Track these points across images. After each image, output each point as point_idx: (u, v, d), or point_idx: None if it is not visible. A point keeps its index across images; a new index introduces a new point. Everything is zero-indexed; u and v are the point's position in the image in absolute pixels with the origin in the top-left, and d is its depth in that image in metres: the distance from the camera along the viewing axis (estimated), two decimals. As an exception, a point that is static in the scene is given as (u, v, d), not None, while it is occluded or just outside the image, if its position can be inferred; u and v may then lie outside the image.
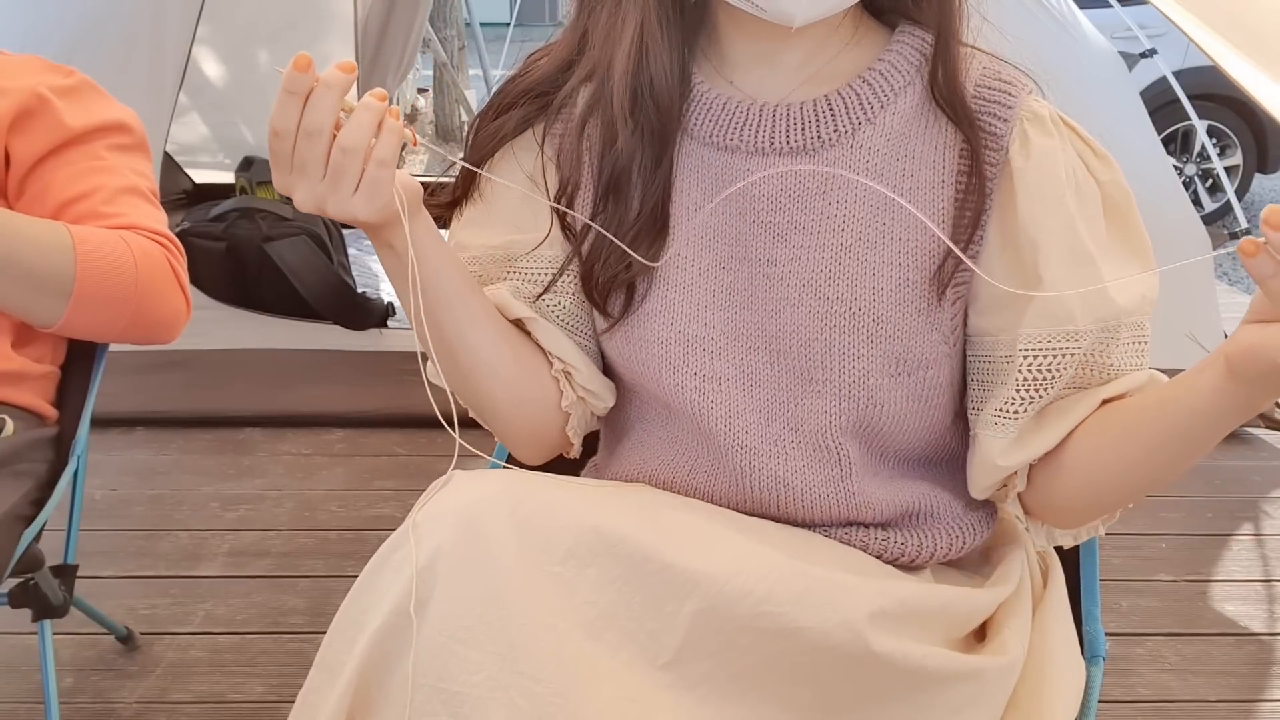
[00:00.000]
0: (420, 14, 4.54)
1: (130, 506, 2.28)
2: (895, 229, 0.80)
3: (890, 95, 0.81)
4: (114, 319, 1.21)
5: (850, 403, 0.81)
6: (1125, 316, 0.79)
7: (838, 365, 0.80)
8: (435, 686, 0.66)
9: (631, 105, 0.81)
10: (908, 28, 0.83)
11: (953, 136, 0.80)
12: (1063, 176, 0.79)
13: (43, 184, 1.23)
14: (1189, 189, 5.27)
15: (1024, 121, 0.79)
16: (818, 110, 0.81)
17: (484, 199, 0.88)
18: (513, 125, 0.86)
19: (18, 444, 1.22)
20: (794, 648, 0.72)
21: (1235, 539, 2.27)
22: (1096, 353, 0.79)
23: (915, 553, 0.85)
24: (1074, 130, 0.82)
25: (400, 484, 2.39)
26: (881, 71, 0.81)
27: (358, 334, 2.83)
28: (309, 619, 1.89)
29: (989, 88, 0.80)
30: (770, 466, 0.83)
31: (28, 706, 1.65)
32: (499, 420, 0.89)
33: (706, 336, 0.82)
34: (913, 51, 0.82)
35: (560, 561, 0.70)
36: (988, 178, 0.79)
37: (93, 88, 1.30)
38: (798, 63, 0.83)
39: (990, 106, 0.79)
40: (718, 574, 0.71)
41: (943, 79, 0.80)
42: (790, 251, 0.81)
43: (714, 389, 0.82)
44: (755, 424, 0.82)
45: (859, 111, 0.81)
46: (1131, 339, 0.80)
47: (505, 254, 0.87)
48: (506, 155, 0.87)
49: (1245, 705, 1.73)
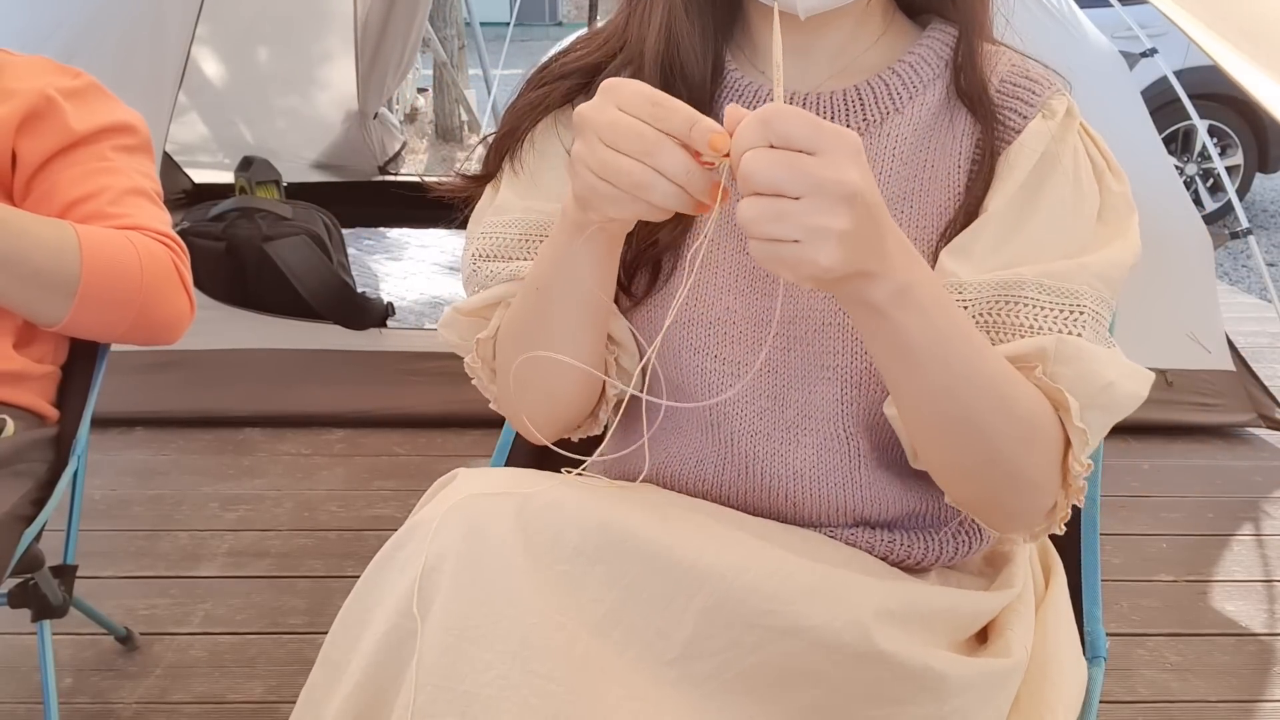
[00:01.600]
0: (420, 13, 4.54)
1: (130, 507, 2.28)
2: (915, 217, 0.81)
3: (919, 87, 0.83)
4: (118, 319, 1.22)
5: (862, 390, 0.81)
6: (1029, 289, 0.75)
7: (850, 352, 0.80)
8: (443, 686, 0.65)
9: (663, 88, 0.81)
10: (938, 24, 0.85)
11: (970, 128, 0.82)
12: (1064, 166, 0.79)
13: (49, 184, 1.23)
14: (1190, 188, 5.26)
15: (1041, 116, 0.80)
16: (848, 100, 0.83)
17: (526, 169, 0.88)
18: (556, 97, 0.87)
19: (18, 444, 1.22)
20: (801, 645, 0.72)
21: (1236, 539, 2.27)
22: (993, 312, 0.76)
23: (921, 555, 0.85)
24: (1094, 139, 0.83)
25: (400, 484, 2.39)
26: (911, 64, 0.83)
27: (357, 334, 2.82)
28: (309, 619, 1.89)
29: (1014, 84, 0.82)
30: (781, 453, 0.82)
31: (27, 707, 1.65)
32: (537, 397, 0.85)
33: (728, 320, 0.83)
34: (942, 46, 0.84)
35: (567, 559, 0.70)
36: (994, 164, 0.80)
37: (99, 89, 1.31)
38: (828, 55, 0.84)
39: (1013, 102, 0.81)
40: (725, 571, 0.71)
41: (966, 73, 0.82)
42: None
43: (732, 373, 0.82)
44: (769, 409, 0.83)
45: (888, 102, 0.82)
46: (1052, 304, 0.75)
47: (547, 220, 0.85)
48: (548, 127, 0.88)
49: (1246, 706, 1.73)
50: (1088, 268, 0.76)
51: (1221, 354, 2.71)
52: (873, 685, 0.74)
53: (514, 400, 0.86)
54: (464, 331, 0.88)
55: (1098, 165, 0.82)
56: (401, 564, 0.70)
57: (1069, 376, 0.73)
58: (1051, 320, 0.75)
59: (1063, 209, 0.79)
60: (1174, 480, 2.47)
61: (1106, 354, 0.75)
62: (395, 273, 4.07)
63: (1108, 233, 0.80)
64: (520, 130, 0.87)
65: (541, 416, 0.87)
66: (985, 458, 0.73)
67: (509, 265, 0.85)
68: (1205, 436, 2.69)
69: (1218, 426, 2.71)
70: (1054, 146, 0.80)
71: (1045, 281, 0.76)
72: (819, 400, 0.82)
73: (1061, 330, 0.75)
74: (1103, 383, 0.74)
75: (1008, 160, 0.80)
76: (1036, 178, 0.79)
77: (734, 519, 0.81)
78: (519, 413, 0.87)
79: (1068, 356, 0.73)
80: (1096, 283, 0.76)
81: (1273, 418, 2.70)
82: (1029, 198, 0.79)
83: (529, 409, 0.86)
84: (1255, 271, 4.51)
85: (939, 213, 0.81)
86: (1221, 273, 4.48)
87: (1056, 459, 0.76)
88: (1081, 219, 0.79)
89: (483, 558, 0.67)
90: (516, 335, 0.83)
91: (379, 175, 4.68)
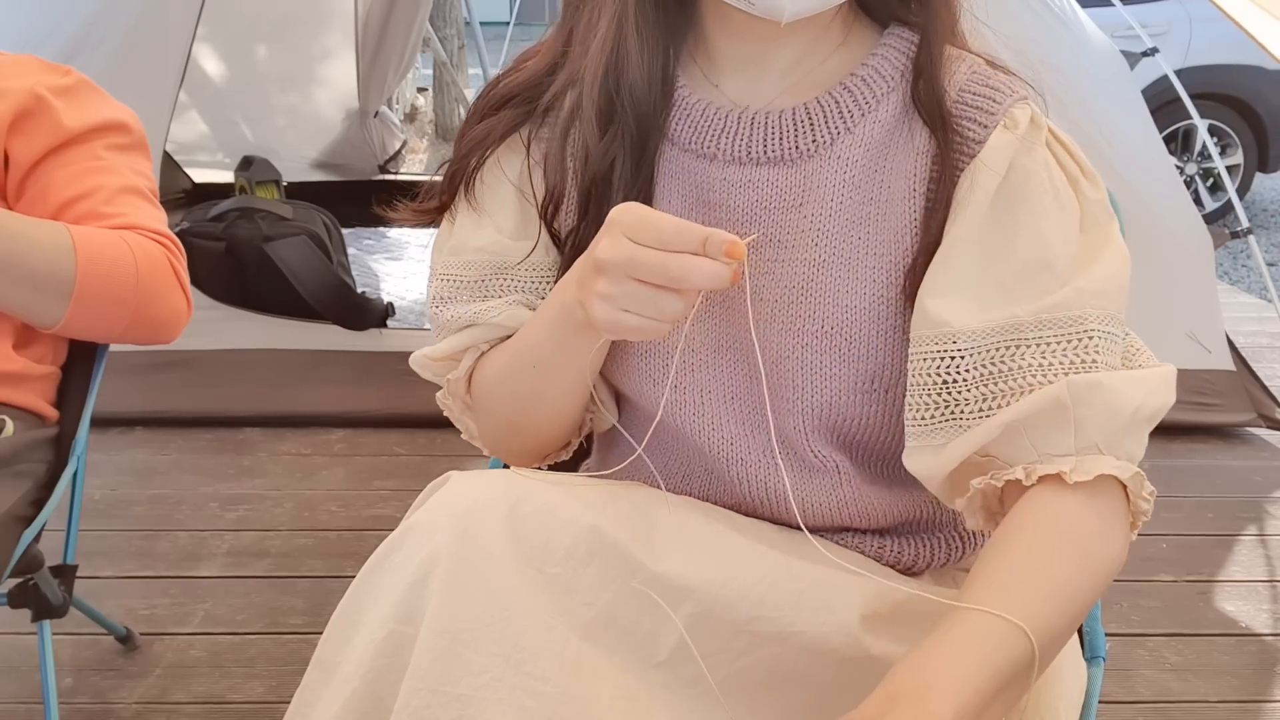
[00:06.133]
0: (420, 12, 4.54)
1: (129, 507, 2.27)
2: (870, 244, 0.78)
3: (872, 102, 0.79)
4: (115, 319, 1.21)
5: (824, 420, 0.80)
6: (1029, 331, 0.71)
7: (810, 384, 0.78)
8: (437, 690, 0.65)
9: (606, 109, 0.80)
10: (896, 29, 0.81)
11: (927, 143, 0.78)
12: (1037, 179, 0.75)
13: (42, 184, 1.22)
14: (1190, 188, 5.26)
15: (1002, 127, 0.76)
16: (797, 119, 0.79)
17: (477, 204, 0.87)
18: (500, 130, 0.85)
19: (17, 444, 1.22)
20: (790, 650, 0.72)
21: (1236, 539, 2.26)
22: (997, 361, 0.72)
23: (913, 559, 0.85)
24: (1065, 145, 0.78)
25: (400, 484, 2.39)
26: (864, 78, 0.79)
27: (357, 334, 2.82)
28: (308, 619, 1.88)
29: (973, 93, 0.77)
30: (761, 477, 0.82)
31: (27, 707, 1.65)
32: (524, 440, 0.88)
33: (687, 349, 0.81)
34: (898, 55, 0.80)
35: (559, 562, 0.70)
36: (954, 183, 0.76)
37: (91, 87, 1.30)
38: (786, 65, 0.81)
39: (971, 112, 0.77)
40: (713, 579, 0.71)
41: (924, 83, 0.78)
42: (764, 266, 0.79)
43: (695, 402, 0.82)
44: (741, 436, 0.81)
45: (838, 121, 0.79)
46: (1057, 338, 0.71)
47: (502, 260, 0.85)
48: (493, 162, 0.86)
49: (1246, 706, 1.73)
50: (1082, 291, 0.72)
51: (1221, 354, 2.71)
52: (863, 688, 0.73)
53: (494, 442, 0.90)
54: (436, 370, 0.89)
55: (1071, 173, 0.77)
56: (394, 567, 0.70)
57: (1093, 418, 0.69)
58: (1061, 354, 0.71)
59: (1044, 227, 0.74)
60: (1174, 480, 2.47)
61: (1125, 377, 0.71)
62: (395, 272, 4.06)
63: (1091, 243, 0.75)
64: (470, 166, 0.86)
65: (522, 453, 0.90)
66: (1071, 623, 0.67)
67: (469, 307, 0.85)
68: (1205, 436, 2.69)
69: (1218, 426, 2.71)
70: (1022, 160, 0.75)
71: (1044, 316, 0.71)
72: (787, 429, 0.80)
73: (1074, 360, 0.71)
74: (1130, 410, 0.70)
75: (971, 179, 0.75)
76: (1007, 197, 0.74)
77: (725, 518, 0.80)
78: (495, 451, 0.91)
79: (1084, 398, 0.69)
80: (1097, 301, 0.72)
81: (1273, 417, 2.70)
82: (1002, 219, 0.74)
83: (510, 449, 0.90)
84: (1255, 271, 4.51)
85: (895, 239, 0.78)
86: (1221, 272, 4.48)
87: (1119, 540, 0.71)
88: (1066, 234, 0.74)
89: (474, 561, 0.67)
90: (509, 396, 0.84)
91: (379, 174, 4.68)
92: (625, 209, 0.70)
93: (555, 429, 0.87)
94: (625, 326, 0.70)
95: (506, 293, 0.85)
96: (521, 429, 0.87)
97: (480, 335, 0.85)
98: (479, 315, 0.84)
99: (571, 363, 0.79)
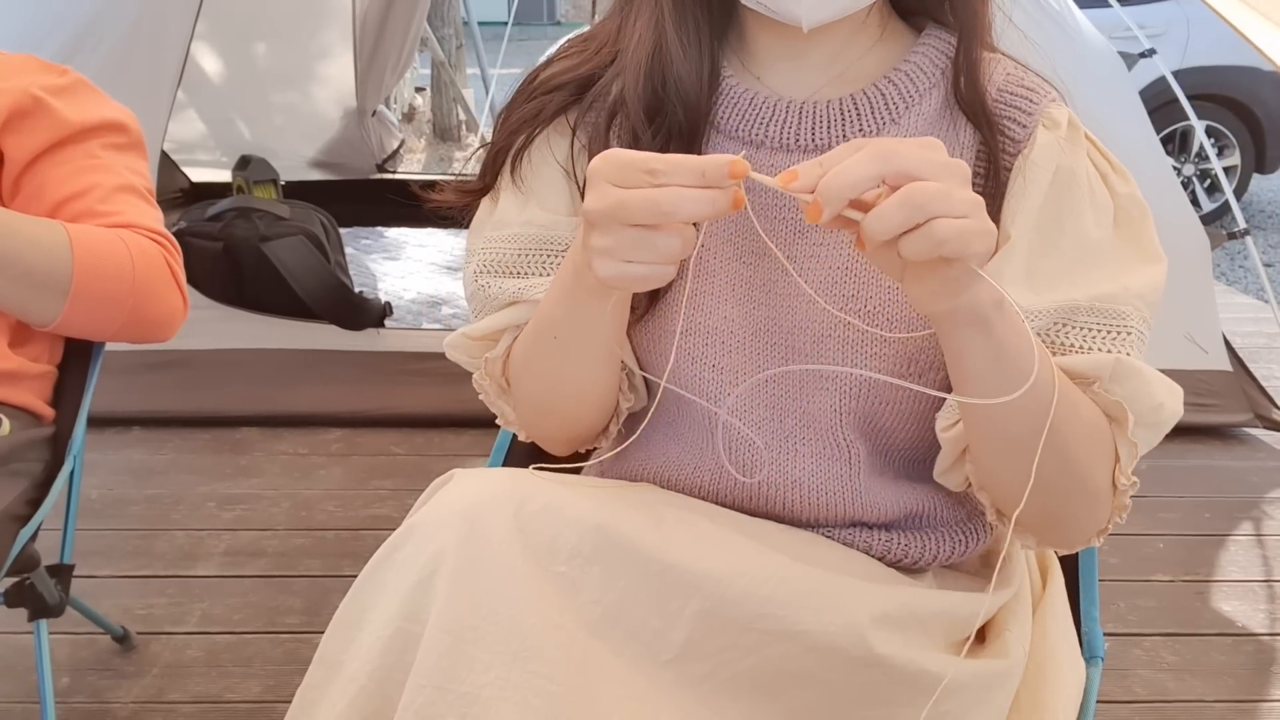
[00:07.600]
0: (418, 12, 4.54)
1: (127, 506, 2.27)
2: None
3: (915, 97, 0.82)
4: (111, 317, 1.21)
5: (859, 401, 0.81)
6: (1081, 314, 0.77)
7: (849, 362, 0.80)
8: (443, 688, 0.65)
9: (652, 103, 0.81)
10: (934, 30, 0.84)
11: (971, 139, 0.81)
12: (1080, 180, 0.79)
13: (38, 182, 1.22)
14: (1187, 189, 5.27)
15: (1043, 126, 0.80)
16: (844, 109, 0.81)
17: (523, 183, 0.87)
18: (550, 110, 0.86)
19: (14, 443, 1.22)
20: (797, 649, 0.72)
21: (1233, 539, 2.27)
22: (1047, 335, 0.77)
23: (918, 555, 0.85)
24: (1093, 143, 0.82)
25: (397, 484, 2.39)
26: (907, 73, 0.82)
27: (355, 334, 2.82)
28: (306, 619, 1.88)
29: (1011, 93, 0.81)
30: (779, 462, 0.82)
31: (24, 706, 1.64)
32: (558, 421, 0.87)
33: (725, 330, 0.82)
34: (938, 54, 0.83)
35: (565, 561, 0.70)
36: (1004, 181, 0.79)
37: (87, 86, 1.30)
38: (824, 60, 0.83)
39: (1011, 111, 0.80)
40: (721, 575, 0.71)
41: (965, 82, 0.80)
42: (808, 249, 0.81)
43: (730, 382, 0.82)
44: (767, 420, 0.82)
45: (884, 112, 0.81)
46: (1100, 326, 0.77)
47: (549, 235, 0.85)
48: (541, 141, 0.87)
49: (1242, 705, 1.73)
50: (1130, 289, 0.77)
51: (1218, 354, 2.71)
52: (869, 688, 0.74)
53: (530, 424, 0.88)
54: (473, 352, 0.88)
55: (1102, 169, 0.81)
56: (399, 565, 0.70)
57: (1123, 395, 0.75)
58: (1099, 341, 0.76)
59: (1086, 226, 0.78)
60: (1171, 480, 2.47)
61: (1155, 374, 0.76)
62: (393, 272, 4.06)
63: (1125, 237, 0.80)
64: (516, 145, 0.87)
65: (559, 439, 0.89)
66: (1060, 463, 0.73)
67: (512, 282, 0.85)
68: (1202, 437, 2.69)
69: (1215, 427, 2.71)
70: (1067, 161, 0.79)
71: (1096, 305, 0.77)
72: (817, 410, 0.81)
73: (1111, 350, 0.76)
74: (1155, 403, 0.75)
75: (1023, 176, 0.79)
76: (1056, 196, 0.79)
77: (731, 520, 0.81)
78: (533, 434, 0.90)
79: (1123, 376, 0.74)
80: (1139, 303, 0.77)
81: (1269, 418, 2.71)
82: (1053, 218, 0.78)
83: (546, 433, 0.88)
84: (1252, 272, 4.52)
85: None
86: (1219, 273, 4.48)
87: (1111, 470, 0.77)
88: (1104, 233, 0.79)
89: (480, 559, 0.67)
90: (536, 373, 0.84)
91: (377, 173, 4.68)
92: (605, 157, 0.66)
93: (585, 409, 0.85)
94: (629, 276, 0.67)
95: (549, 271, 0.85)
96: (552, 409, 0.86)
97: (521, 314, 0.84)
98: (522, 292, 0.84)
99: (591, 330, 0.78)
